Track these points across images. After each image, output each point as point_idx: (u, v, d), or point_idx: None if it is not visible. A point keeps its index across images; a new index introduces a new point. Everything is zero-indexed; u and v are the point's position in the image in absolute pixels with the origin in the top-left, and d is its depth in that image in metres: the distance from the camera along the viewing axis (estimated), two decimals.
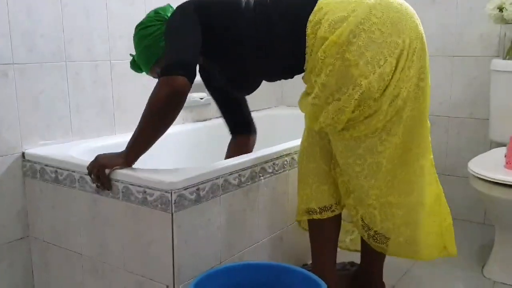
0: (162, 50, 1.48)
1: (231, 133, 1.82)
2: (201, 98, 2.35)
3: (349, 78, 1.30)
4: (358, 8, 1.30)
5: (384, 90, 1.31)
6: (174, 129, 2.21)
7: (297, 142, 1.87)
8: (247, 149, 1.77)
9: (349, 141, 1.41)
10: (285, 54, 1.42)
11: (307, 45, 1.36)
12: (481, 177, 1.77)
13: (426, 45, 1.38)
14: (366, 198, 1.47)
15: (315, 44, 1.34)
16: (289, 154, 1.80)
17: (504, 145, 2.01)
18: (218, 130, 2.42)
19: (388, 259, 1.98)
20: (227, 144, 1.97)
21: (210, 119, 2.47)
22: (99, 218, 1.53)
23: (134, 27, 1.56)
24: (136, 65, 1.61)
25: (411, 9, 1.37)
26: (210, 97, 2.38)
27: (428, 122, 1.47)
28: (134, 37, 1.56)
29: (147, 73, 1.60)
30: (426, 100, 1.41)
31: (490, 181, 1.74)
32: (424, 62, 1.38)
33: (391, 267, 1.97)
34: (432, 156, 1.49)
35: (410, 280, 1.88)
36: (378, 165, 1.41)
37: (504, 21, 2.11)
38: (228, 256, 1.56)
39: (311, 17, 1.34)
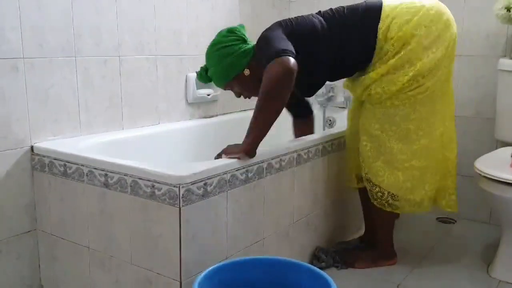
0: (242, 66, 1.72)
1: (293, 117, 2.08)
2: (208, 95, 2.36)
3: (407, 60, 1.68)
4: (419, 12, 1.69)
5: (432, 70, 1.69)
6: (181, 125, 2.23)
7: (303, 140, 1.87)
8: (310, 127, 2.09)
9: (389, 109, 1.76)
10: (354, 64, 1.79)
11: (377, 46, 1.72)
12: (488, 176, 1.77)
13: (456, 38, 1.78)
14: (394, 160, 1.79)
15: (386, 44, 1.70)
16: (295, 151, 1.80)
17: (511, 145, 2.02)
18: (225, 126, 2.44)
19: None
20: (233, 140, 2.01)
21: (217, 115, 2.48)
22: (107, 212, 1.54)
23: (210, 45, 1.74)
24: (205, 78, 1.81)
25: (447, 10, 1.76)
26: (216, 94, 2.40)
27: (451, 99, 1.85)
28: (210, 54, 1.74)
29: (220, 87, 1.81)
30: (449, 83, 1.83)
31: (496, 180, 1.74)
32: (455, 54, 1.80)
33: (398, 264, 1.98)
34: (445, 127, 1.84)
35: (415, 279, 1.89)
36: (407, 131, 1.77)
37: (511, 21, 2.11)
38: (234, 251, 1.57)
39: (380, 25, 1.71)
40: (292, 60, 1.52)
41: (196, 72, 1.87)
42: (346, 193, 2.18)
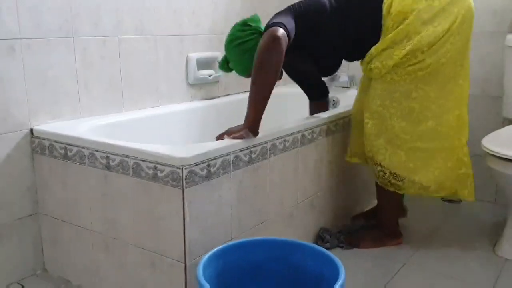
0: None
1: (309, 99, 2.13)
2: (210, 76, 2.33)
3: (406, 34, 1.66)
4: None
5: (433, 46, 1.64)
6: (183, 107, 2.20)
7: (307, 120, 1.84)
8: (325, 110, 2.09)
9: (389, 84, 1.73)
10: (365, 42, 1.75)
11: (382, 23, 1.70)
12: (495, 154, 1.74)
13: (474, 18, 1.71)
14: (396, 139, 1.76)
15: (388, 19, 1.68)
16: (299, 131, 1.77)
17: None
18: (227, 107, 2.41)
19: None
20: (236, 122, 2.02)
21: (219, 96, 2.44)
22: (109, 194, 1.52)
23: (227, 40, 1.77)
24: (227, 68, 1.87)
25: None
26: (218, 75, 2.37)
27: (465, 82, 1.76)
28: (229, 50, 1.79)
29: (243, 76, 1.84)
30: (464, 64, 1.73)
31: (504, 158, 1.72)
32: (470, 33, 1.72)
33: (403, 244, 1.97)
34: (461, 111, 1.77)
35: (421, 259, 1.87)
36: (410, 110, 1.72)
37: None
38: (239, 232, 1.55)
39: (385, 0, 1.68)
40: (280, 30, 1.56)
41: (218, 62, 1.92)
42: (351, 173, 2.15)
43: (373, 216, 2.11)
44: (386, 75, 1.73)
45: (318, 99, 2.12)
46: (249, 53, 1.70)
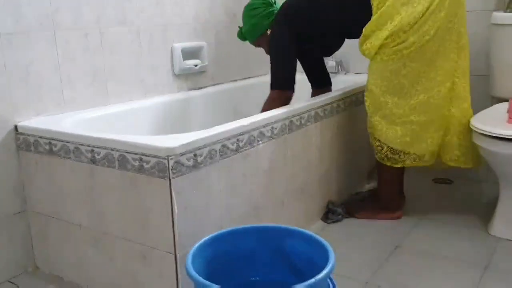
0: (265, 28, 1.99)
1: (312, 86, 2.25)
2: (196, 66, 2.30)
3: (389, 15, 1.72)
4: None
5: (414, 25, 1.69)
6: (169, 98, 2.18)
7: (294, 106, 1.83)
8: None
9: (379, 64, 1.80)
10: (359, 24, 1.80)
11: (372, 4, 1.77)
12: (484, 132, 1.74)
13: None
14: (390, 115, 1.84)
15: (375, 1, 1.75)
16: (287, 117, 1.76)
17: (506, 101, 1.97)
18: (214, 97, 2.39)
19: (393, 221, 2.00)
20: (224, 112, 2.24)
21: (206, 87, 2.42)
22: (96, 188, 1.51)
23: (245, 6, 2.02)
24: (242, 36, 2.06)
25: None
26: (204, 65, 2.34)
27: (459, 56, 1.82)
28: (243, 14, 2.04)
29: (251, 43, 2.08)
30: (454, 38, 1.78)
31: (493, 136, 1.71)
32: (458, 9, 1.76)
33: (396, 226, 1.97)
34: (453, 84, 1.83)
35: (415, 238, 1.88)
36: (401, 86, 1.79)
37: None
38: (229, 221, 1.54)
39: None
40: (289, 94, 1.91)
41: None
42: (343, 158, 2.15)
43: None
44: (376, 55, 1.79)
45: (325, 86, 2.23)
46: (255, 19, 1.98)
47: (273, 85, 1.92)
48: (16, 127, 1.66)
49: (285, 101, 1.89)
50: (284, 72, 1.93)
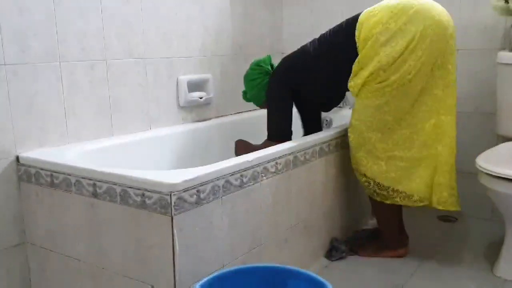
0: (264, 97, 2.09)
1: (304, 133, 2.24)
2: (201, 98, 2.30)
3: (369, 56, 1.78)
4: (380, 12, 1.79)
5: (392, 64, 1.74)
6: (174, 130, 2.17)
7: (299, 142, 1.82)
8: None
9: (363, 100, 1.85)
10: (344, 69, 1.87)
11: (357, 49, 1.83)
12: (489, 172, 1.72)
13: (447, 31, 1.76)
14: (374, 150, 1.87)
15: (359, 45, 1.81)
16: (291, 153, 1.75)
17: None
18: (219, 130, 2.39)
19: (397, 261, 1.96)
20: (227, 144, 2.20)
21: (210, 119, 2.42)
22: (97, 222, 1.48)
23: (244, 75, 2.15)
24: (246, 98, 2.19)
25: (430, 3, 1.77)
26: (209, 97, 2.35)
27: (444, 92, 1.81)
28: (244, 83, 2.16)
29: (257, 105, 2.19)
30: (437, 74, 1.79)
31: (498, 176, 1.69)
32: (443, 45, 1.76)
33: (400, 265, 1.93)
34: (438, 120, 1.82)
35: (419, 278, 1.84)
36: (385, 122, 1.83)
37: (509, 12, 2.06)
38: (231, 259, 1.51)
39: (356, 33, 1.82)
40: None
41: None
42: (347, 194, 2.12)
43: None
44: (360, 93, 1.85)
45: (311, 133, 2.19)
46: (255, 89, 2.10)
47: (268, 136, 2.00)
48: (17, 158, 1.65)
49: None
50: (278, 126, 2.00)
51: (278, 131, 1.97)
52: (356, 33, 1.82)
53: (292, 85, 2.01)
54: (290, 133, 1.98)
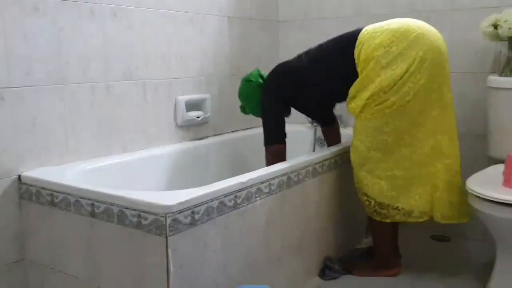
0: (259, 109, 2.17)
1: (320, 125, 2.42)
2: (198, 117, 2.36)
3: (370, 78, 1.85)
4: (382, 34, 1.84)
5: (393, 87, 1.80)
6: (171, 149, 2.22)
7: (292, 162, 1.86)
8: (337, 133, 2.38)
9: (363, 121, 1.90)
10: (340, 83, 1.95)
11: (357, 69, 1.89)
12: (480, 195, 1.75)
13: (443, 56, 1.85)
14: (375, 169, 1.92)
15: (359, 66, 1.88)
16: (285, 174, 1.79)
17: (502, 162, 2.00)
18: (216, 147, 2.44)
19: (390, 280, 1.98)
20: (225, 162, 2.33)
21: (207, 137, 2.47)
22: (94, 242, 1.53)
23: (238, 93, 2.25)
24: (244, 111, 2.28)
25: (429, 29, 1.85)
26: (207, 116, 2.40)
27: (441, 113, 1.86)
28: (240, 99, 2.26)
29: (256, 116, 2.23)
30: (435, 97, 1.85)
31: (488, 199, 1.73)
32: (439, 70, 1.83)
33: (393, 285, 1.96)
34: (436, 141, 1.88)
35: None
36: (385, 142, 1.88)
37: (499, 38, 2.11)
38: (224, 279, 1.55)
39: (356, 51, 1.88)
40: (278, 147, 2.06)
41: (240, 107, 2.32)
42: (340, 214, 2.16)
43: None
44: (360, 114, 1.90)
45: (328, 124, 2.37)
46: (251, 104, 2.20)
47: (265, 142, 2.10)
48: (19, 177, 1.70)
49: (276, 154, 2.04)
50: (272, 132, 2.10)
51: (272, 137, 2.08)
52: (356, 51, 1.88)
53: (284, 97, 2.10)
54: (284, 135, 2.08)
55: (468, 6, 2.31)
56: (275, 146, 2.06)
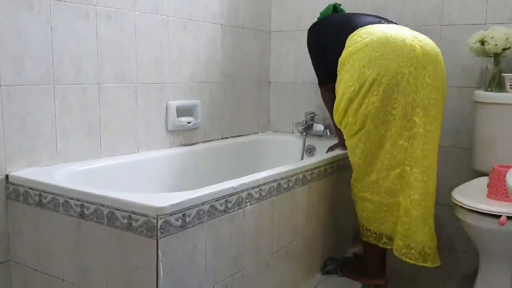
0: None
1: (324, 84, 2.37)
2: (189, 123, 2.36)
3: (338, 86, 1.93)
4: (361, 43, 1.85)
5: (349, 105, 1.85)
6: (161, 153, 2.21)
7: (283, 169, 1.87)
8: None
9: (346, 141, 1.95)
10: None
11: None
12: (464, 206, 1.78)
13: (401, 83, 1.78)
14: (352, 187, 1.99)
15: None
16: (275, 180, 1.80)
17: (487, 174, 2.04)
18: (206, 154, 2.44)
19: None
20: (214, 168, 2.27)
21: (197, 143, 2.47)
22: (83, 243, 1.51)
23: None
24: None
25: (398, 53, 1.78)
26: (197, 122, 2.40)
27: (409, 143, 1.83)
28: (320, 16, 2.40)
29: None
30: (408, 128, 1.82)
31: (472, 210, 1.76)
32: (403, 97, 1.79)
33: None
34: (403, 171, 1.85)
35: None
36: (357, 164, 1.92)
37: (485, 54, 2.17)
38: (213, 283, 1.54)
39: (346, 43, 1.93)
40: (328, 87, 2.14)
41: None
42: (328, 221, 2.17)
43: None
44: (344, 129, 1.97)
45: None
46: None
47: (319, 83, 2.26)
48: (7, 177, 1.68)
49: (330, 92, 2.10)
50: (320, 69, 2.24)
51: (319, 78, 2.23)
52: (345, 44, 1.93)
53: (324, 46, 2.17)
54: (331, 72, 2.01)
55: (456, 22, 2.37)
56: (320, 88, 2.27)
